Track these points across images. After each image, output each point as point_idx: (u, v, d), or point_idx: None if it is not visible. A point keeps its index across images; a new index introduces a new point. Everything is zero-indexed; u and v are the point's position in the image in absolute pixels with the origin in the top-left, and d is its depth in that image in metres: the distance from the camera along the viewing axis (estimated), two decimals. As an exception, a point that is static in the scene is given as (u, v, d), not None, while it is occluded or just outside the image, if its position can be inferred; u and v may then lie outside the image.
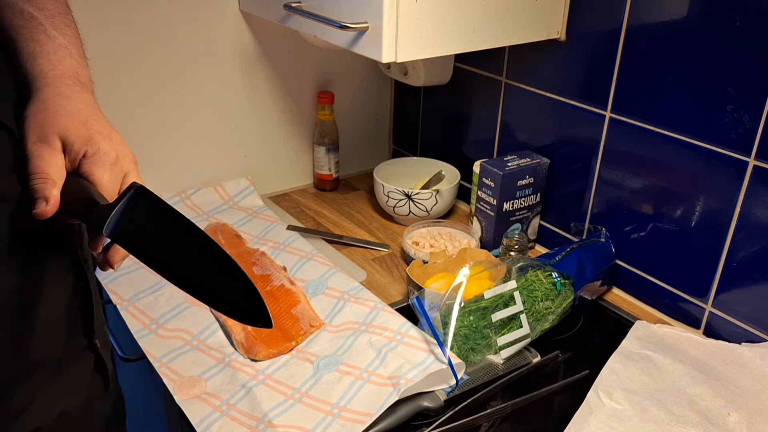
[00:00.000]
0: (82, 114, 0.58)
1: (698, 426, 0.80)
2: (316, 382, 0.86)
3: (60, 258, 0.63)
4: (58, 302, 0.62)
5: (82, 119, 0.58)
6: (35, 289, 0.59)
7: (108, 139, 0.58)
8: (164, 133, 1.25)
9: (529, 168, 1.12)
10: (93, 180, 0.56)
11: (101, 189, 0.56)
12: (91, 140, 0.57)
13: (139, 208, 0.55)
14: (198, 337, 0.94)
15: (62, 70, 0.60)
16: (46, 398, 0.61)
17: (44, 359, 0.61)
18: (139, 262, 0.54)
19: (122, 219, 0.54)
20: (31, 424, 0.60)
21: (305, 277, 1.07)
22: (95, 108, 0.60)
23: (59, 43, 0.62)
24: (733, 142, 0.89)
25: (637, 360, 0.90)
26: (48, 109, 0.57)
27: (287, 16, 1.07)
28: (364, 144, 1.52)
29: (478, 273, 0.96)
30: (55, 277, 0.62)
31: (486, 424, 0.84)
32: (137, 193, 0.55)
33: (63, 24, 0.64)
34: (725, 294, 0.96)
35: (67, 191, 0.55)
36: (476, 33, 0.98)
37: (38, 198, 0.53)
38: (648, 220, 1.03)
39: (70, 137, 0.56)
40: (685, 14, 0.91)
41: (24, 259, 0.57)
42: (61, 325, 0.63)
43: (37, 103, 0.58)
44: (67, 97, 0.59)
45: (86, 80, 0.63)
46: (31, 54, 0.60)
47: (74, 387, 0.65)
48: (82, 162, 0.56)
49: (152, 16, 1.15)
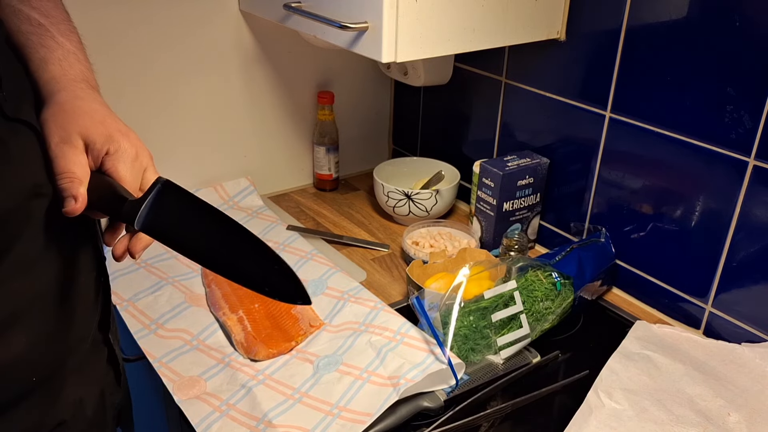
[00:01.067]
0: (99, 113, 0.61)
1: (698, 426, 0.80)
2: (316, 382, 0.86)
3: (88, 253, 0.65)
4: (87, 295, 0.65)
5: (100, 118, 0.60)
6: (71, 281, 0.61)
7: (127, 137, 0.61)
8: (164, 132, 1.25)
9: (529, 168, 1.12)
10: (116, 176, 0.59)
11: (124, 184, 0.59)
12: (112, 138, 0.60)
13: (168, 200, 0.58)
14: (198, 337, 0.94)
15: (74, 75, 0.63)
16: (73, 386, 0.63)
17: (76, 348, 0.63)
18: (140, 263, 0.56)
19: (152, 212, 0.57)
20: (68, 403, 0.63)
21: (305, 276, 1.07)
22: (109, 108, 0.63)
23: (68, 49, 0.64)
24: (733, 142, 0.89)
25: (637, 360, 0.90)
26: (66, 111, 0.59)
27: (287, 16, 1.07)
28: (364, 144, 1.52)
29: (477, 273, 0.96)
30: (86, 270, 0.65)
31: (486, 424, 0.84)
32: (164, 186, 0.58)
33: (68, 30, 0.67)
34: (725, 294, 0.96)
35: (93, 188, 0.57)
36: (476, 33, 0.98)
37: (67, 197, 0.56)
38: (648, 220, 1.03)
39: (92, 136, 0.59)
40: (684, 14, 0.91)
41: (60, 253, 0.59)
42: (90, 317, 0.66)
43: (54, 105, 0.60)
44: (82, 99, 0.61)
45: (94, 83, 0.66)
46: (42, 60, 0.63)
47: (93, 377, 0.67)
48: (105, 159, 0.60)
49: (152, 16, 1.15)
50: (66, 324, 0.61)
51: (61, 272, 0.60)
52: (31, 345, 0.57)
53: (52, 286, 0.59)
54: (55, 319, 0.60)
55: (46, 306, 0.58)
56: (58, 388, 0.61)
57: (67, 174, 0.56)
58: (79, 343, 0.64)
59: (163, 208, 0.57)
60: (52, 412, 0.60)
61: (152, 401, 1.09)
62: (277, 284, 0.58)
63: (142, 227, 0.57)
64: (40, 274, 0.57)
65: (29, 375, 0.57)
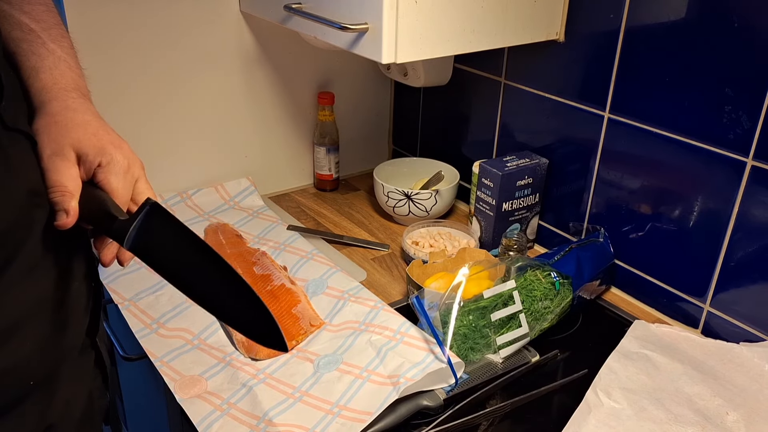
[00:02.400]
0: (92, 125, 0.61)
1: (696, 425, 0.80)
2: (316, 381, 0.86)
3: (81, 259, 0.66)
4: (80, 300, 0.65)
5: (93, 130, 0.61)
6: (66, 286, 0.62)
7: (119, 148, 0.61)
8: (165, 133, 1.25)
9: (528, 168, 1.13)
10: (108, 188, 0.60)
11: (115, 196, 0.60)
12: (104, 150, 0.60)
13: (154, 222, 0.59)
14: (199, 336, 0.95)
15: (65, 84, 0.63)
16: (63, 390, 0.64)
17: (69, 353, 0.64)
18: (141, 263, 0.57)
19: (140, 233, 0.58)
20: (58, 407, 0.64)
21: (305, 276, 1.07)
22: (101, 118, 0.64)
23: (59, 56, 0.64)
24: (731, 142, 0.89)
25: (635, 359, 0.91)
26: (58, 123, 0.60)
27: (287, 17, 1.08)
28: (364, 144, 1.52)
29: (477, 273, 0.96)
30: (79, 276, 0.65)
31: (485, 423, 0.84)
32: (152, 209, 0.59)
33: (59, 35, 0.66)
34: (723, 293, 0.96)
35: (84, 202, 0.58)
36: (475, 34, 0.98)
37: (59, 210, 0.56)
38: (646, 220, 1.03)
39: (84, 148, 0.59)
40: (683, 15, 0.91)
41: (56, 260, 0.60)
42: (82, 322, 0.66)
43: (45, 116, 0.60)
44: (74, 110, 0.61)
45: (86, 91, 0.66)
46: (33, 68, 0.62)
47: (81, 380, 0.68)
48: (97, 171, 0.60)
49: (153, 17, 1.15)
50: (61, 329, 0.61)
51: (58, 278, 0.60)
52: (31, 350, 0.57)
53: (49, 293, 0.59)
54: (52, 325, 0.60)
55: (44, 312, 0.59)
56: (52, 392, 0.61)
57: (59, 188, 0.57)
58: (71, 348, 0.64)
59: (150, 231, 0.59)
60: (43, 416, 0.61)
61: (153, 400, 1.09)
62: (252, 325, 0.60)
63: (130, 248, 0.58)
64: (40, 281, 0.58)
65: (26, 380, 0.58)
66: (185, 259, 0.60)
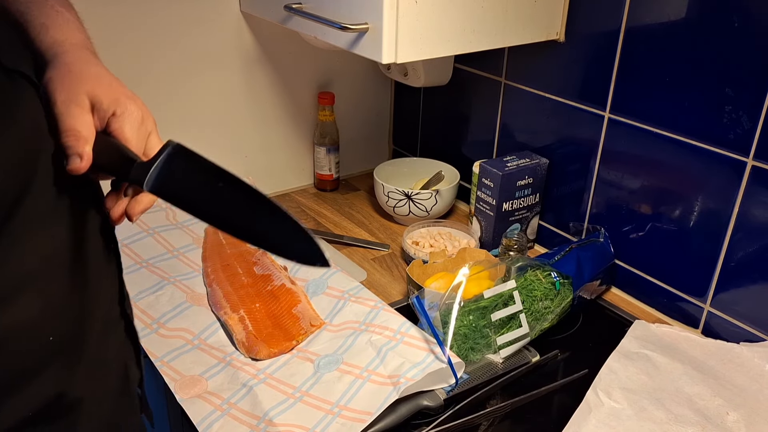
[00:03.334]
0: (106, 77, 0.61)
1: (697, 425, 0.80)
2: (317, 381, 0.86)
3: (95, 217, 0.64)
4: (98, 260, 0.63)
5: (107, 81, 0.60)
6: (81, 244, 0.60)
7: (133, 100, 0.61)
8: (165, 133, 1.23)
9: (528, 168, 1.13)
10: (122, 138, 0.59)
11: (129, 147, 0.59)
12: (119, 101, 0.59)
13: (179, 162, 0.58)
14: (199, 336, 0.95)
15: (76, 41, 0.63)
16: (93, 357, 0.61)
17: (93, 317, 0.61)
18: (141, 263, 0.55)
19: (162, 174, 0.57)
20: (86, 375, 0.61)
21: (306, 276, 1.07)
22: (113, 75, 0.63)
23: (67, 17, 0.64)
24: (732, 142, 0.89)
25: (635, 359, 0.91)
26: (72, 72, 0.59)
27: (288, 17, 1.08)
28: (364, 144, 1.52)
29: (477, 273, 0.96)
30: (93, 234, 0.63)
31: (485, 423, 0.84)
32: (175, 149, 0.58)
33: (67, 3, 0.67)
34: (723, 294, 0.96)
35: (98, 149, 0.57)
36: (476, 34, 0.98)
37: (71, 155, 0.55)
38: (647, 220, 1.03)
39: (99, 96, 0.58)
40: (683, 15, 0.91)
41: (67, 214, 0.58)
42: (104, 283, 0.64)
43: (60, 66, 0.59)
44: (88, 62, 0.61)
45: (95, 52, 0.65)
46: (43, 25, 0.62)
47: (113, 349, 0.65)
48: (111, 120, 0.59)
49: (153, 17, 1.15)
50: (79, 288, 0.59)
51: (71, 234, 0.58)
52: (46, 309, 0.55)
53: (62, 248, 0.57)
54: (69, 283, 0.58)
55: (57, 268, 0.57)
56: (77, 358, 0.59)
57: (73, 132, 0.55)
58: (96, 312, 0.62)
59: (173, 170, 0.57)
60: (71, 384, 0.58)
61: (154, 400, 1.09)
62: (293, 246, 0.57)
63: (151, 189, 0.56)
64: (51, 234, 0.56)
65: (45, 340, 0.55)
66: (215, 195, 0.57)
